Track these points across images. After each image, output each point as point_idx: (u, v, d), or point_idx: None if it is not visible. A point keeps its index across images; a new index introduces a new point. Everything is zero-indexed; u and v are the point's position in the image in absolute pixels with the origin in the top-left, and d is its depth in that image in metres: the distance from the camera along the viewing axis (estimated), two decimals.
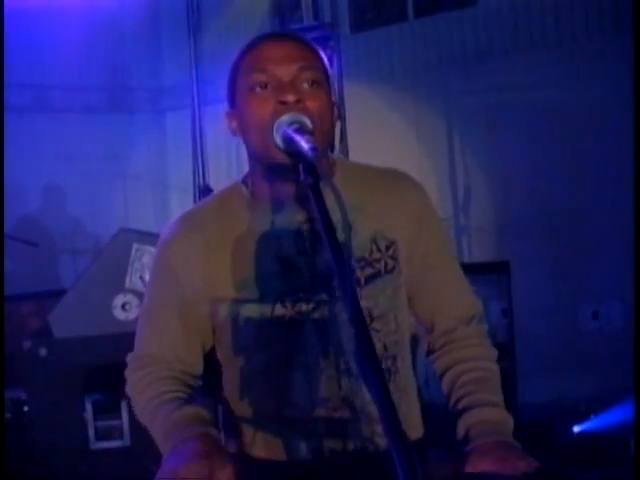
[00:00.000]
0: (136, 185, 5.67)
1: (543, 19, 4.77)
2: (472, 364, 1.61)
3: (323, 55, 1.57)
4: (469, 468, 1.43)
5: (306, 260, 1.53)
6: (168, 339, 1.59)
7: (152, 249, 3.25)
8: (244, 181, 1.62)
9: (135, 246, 3.26)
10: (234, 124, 1.55)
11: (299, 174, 1.30)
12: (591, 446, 3.70)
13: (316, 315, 1.52)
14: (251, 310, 1.53)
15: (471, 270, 1.99)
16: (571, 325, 4.88)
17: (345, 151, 3.97)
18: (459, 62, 5.02)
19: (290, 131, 1.38)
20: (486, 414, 1.53)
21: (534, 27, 4.83)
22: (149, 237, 3.29)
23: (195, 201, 3.67)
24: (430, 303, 1.65)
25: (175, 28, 4.94)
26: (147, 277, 3.28)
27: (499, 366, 1.64)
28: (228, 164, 5.32)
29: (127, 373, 1.64)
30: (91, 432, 3.24)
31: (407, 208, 1.61)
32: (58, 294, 4.02)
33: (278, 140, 1.41)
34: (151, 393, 1.56)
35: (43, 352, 3.22)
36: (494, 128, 4.97)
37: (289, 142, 1.38)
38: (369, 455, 1.54)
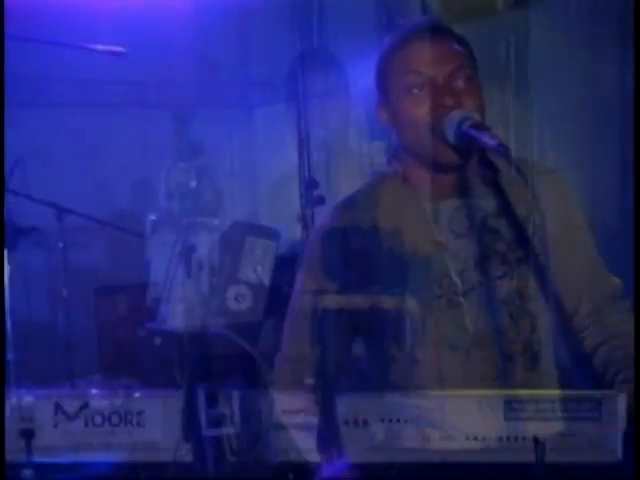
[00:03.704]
0: (226, 180, 5.73)
1: None
2: (624, 340, 1.64)
3: (469, 45, 1.57)
4: None
5: (459, 245, 1.54)
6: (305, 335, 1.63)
7: (263, 241, 3.30)
8: (391, 164, 1.63)
9: (248, 239, 3.30)
10: (385, 115, 1.56)
11: (461, 168, 1.37)
12: None
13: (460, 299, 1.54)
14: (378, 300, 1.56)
15: None
16: None
17: None
18: None
19: (467, 127, 1.40)
20: None
21: None
22: (261, 230, 3.33)
23: (300, 196, 3.71)
24: (575, 285, 1.68)
25: (268, 23, 4.97)
26: (259, 269, 3.32)
27: None
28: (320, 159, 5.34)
29: (274, 377, 1.67)
30: (203, 420, 3.30)
31: (553, 196, 1.62)
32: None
33: (451, 138, 1.42)
34: None
35: (158, 341, 3.28)
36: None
37: (469, 138, 1.40)
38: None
